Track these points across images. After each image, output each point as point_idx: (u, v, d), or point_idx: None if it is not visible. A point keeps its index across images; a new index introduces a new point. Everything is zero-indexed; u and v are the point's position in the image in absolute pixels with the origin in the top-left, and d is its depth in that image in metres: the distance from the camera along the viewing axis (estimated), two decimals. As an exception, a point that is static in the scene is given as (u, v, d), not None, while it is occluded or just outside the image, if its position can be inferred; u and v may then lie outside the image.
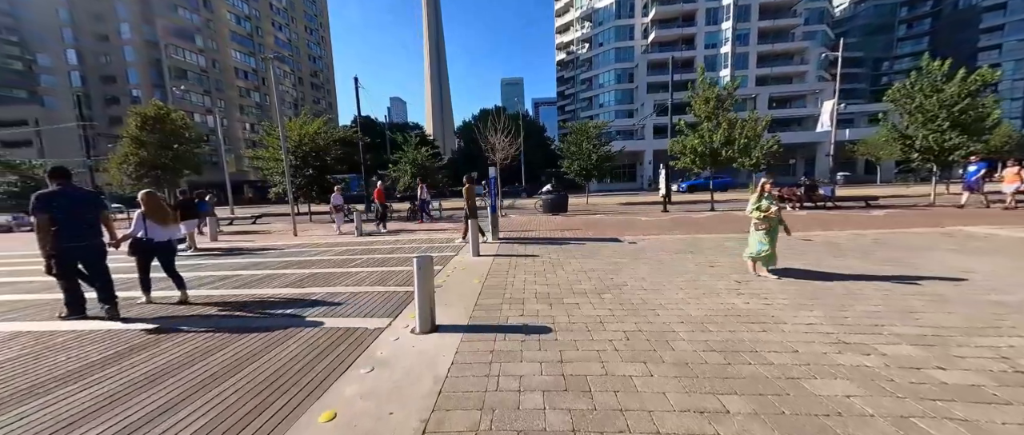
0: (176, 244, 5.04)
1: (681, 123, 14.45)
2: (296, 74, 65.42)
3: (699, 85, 14.00)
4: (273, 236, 11.84)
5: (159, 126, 23.97)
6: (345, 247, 8.59)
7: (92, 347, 3.27)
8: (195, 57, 48.03)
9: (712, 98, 13.61)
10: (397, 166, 20.95)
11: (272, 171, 16.69)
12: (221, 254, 8.47)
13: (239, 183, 45.54)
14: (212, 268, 6.80)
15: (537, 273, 5.40)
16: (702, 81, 14.04)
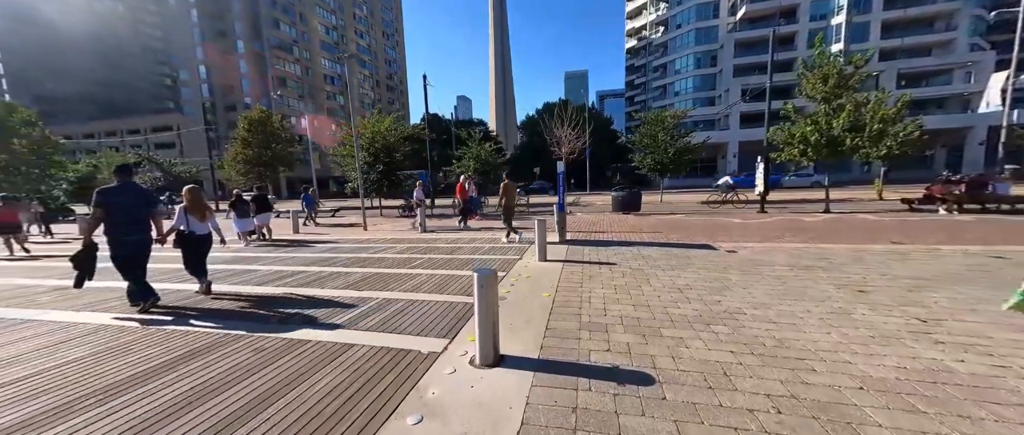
0: (209, 237, 5.05)
1: (789, 107, 12.07)
2: (374, 77, 70.70)
3: (815, 60, 11.52)
4: (345, 229, 12.40)
5: (261, 128, 27.28)
6: (408, 244, 8.46)
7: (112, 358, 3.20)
8: (293, 66, 54.30)
9: (833, 75, 11.09)
10: (461, 162, 21.08)
11: (348, 167, 17.76)
12: (293, 246, 8.93)
13: (324, 179, 50.71)
14: (281, 262, 7.02)
15: (619, 288, 4.48)
16: (820, 55, 11.54)
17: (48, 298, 4.73)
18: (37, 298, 4.75)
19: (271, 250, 8.48)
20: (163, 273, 6.01)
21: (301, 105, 54.28)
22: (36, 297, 4.82)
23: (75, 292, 5.00)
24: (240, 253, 8.15)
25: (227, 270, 6.26)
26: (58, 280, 5.87)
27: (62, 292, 5.12)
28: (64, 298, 4.76)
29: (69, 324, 3.78)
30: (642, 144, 18.04)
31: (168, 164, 36.45)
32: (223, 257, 7.62)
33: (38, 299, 4.71)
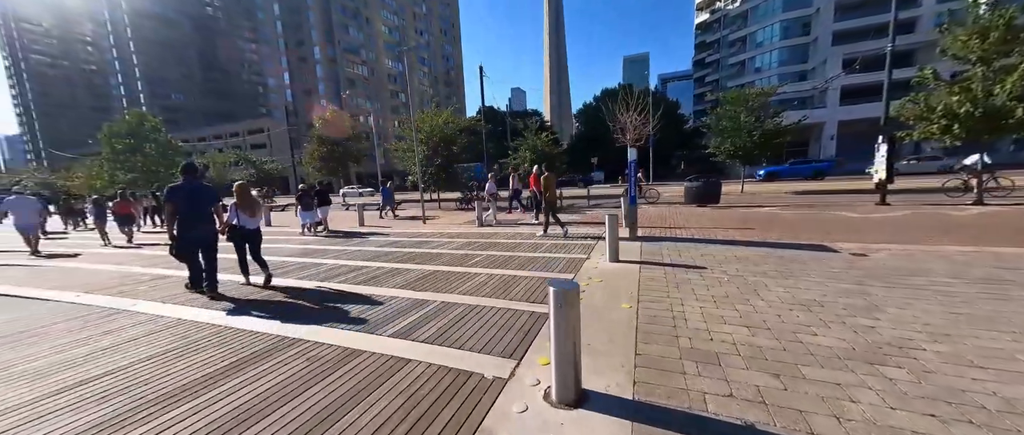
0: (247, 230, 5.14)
1: (926, 72, 9.62)
2: (432, 74, 73.07)
3: (970, 9, 8.99)
4: (405, 222, 12.61)
5: (332, 127, 29.35)
6: (466, 240, 8.17)
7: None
8: (360, 67, 58.11)
9: (998, 27, 8.53)
10: (517, 153, 20.64)
11: (408, 162, 18.23)
12: (357, 238, 9.14)
13: (388, 173, 53.95)
14: (344, 256, 7.09)
15: (719, 300, 3.61)
16: (974, 4, 8.99)
17: (145, 288, 5.15)
18: (137, 287, 5.20)
19: (336, 242, 8.76)
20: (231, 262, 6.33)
21: (367, 104, 57.97)
22: (136, 286, 5.28)
23: (167, 282, 5.41)
24: (308, 245, 8.51)
25: (295, 263, 6.45)
26: (161, 269, 6.48)
27: (159, 280, 5.57)
28: (156, 288, 5.14)
29: (153, 317, 3.95)
30: (719, 128, 15.98)
31: (260, 162, 41.16)
32: (293, 250, 7.99)
33: (137, 288, 5.14)
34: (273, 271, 5.32)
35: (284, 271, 5.89)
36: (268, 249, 8.20)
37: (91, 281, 5.76)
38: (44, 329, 3.76)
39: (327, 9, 55.34)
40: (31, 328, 3.81)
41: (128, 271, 6.39)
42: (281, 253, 7.53)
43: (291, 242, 9.20)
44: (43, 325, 3.89)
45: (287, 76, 59.82)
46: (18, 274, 6.72)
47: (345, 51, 56.32)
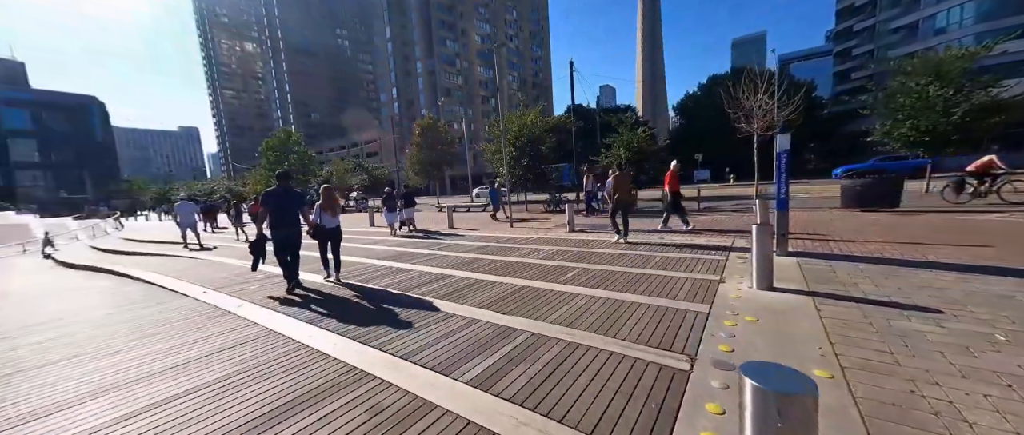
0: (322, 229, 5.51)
1: None
2: (521, 77, 74.19)
3: None
4: (493, 225, 12.27)
5: (431, 133, 31.44)
6: (556, 248, 7.27)
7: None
8: (455, 77, 62.02)
9: None
10: (610, 150, 18.99)
11: (496, 163, 18.13)
12: (443, 241, 8.95)
13: (478, 176, 56.30)
14: (432, 262, 6.80)
15: (1010, 378, 2.02)
16: None
17: (255, 287, 5.47)
18: (247, 286, 5.56)
19: (425, 246, 8.69)
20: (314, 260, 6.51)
21: (460, 111, 61.49)
22: (247, 285, 5.66)
23: (277, 281, 5.70)
24: (402, 247, 8.59)
25: (384, 268, 6.36)
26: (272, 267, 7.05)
27: (268, 279, 5.94)
28: (265, 288, 5.42)
29: (248, 323, 3.96)
30: (893, 106, 12.04)
31: (371, 168, 46.68)
32: (386, 251, 8.09)
33: (247, 287, 5.49)
34: (363, 276, 5.48)
35: (373, 276, 5.80)
36: (365, 250, 8.77)
37: (217, 277, 6.47)
38: (163, 327, 4.05)
39: (428, 25, 60.36)
40: (156, 321, 4.15)
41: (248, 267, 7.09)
42: (375, 254, 7.68)
43: (385, 243, 9.51)
44: (165, 321, 4.21)
45: (395, 91, 67.10)
46: (173, 265, 8.09)
47: (442, 63, 60.68)
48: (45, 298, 6.56)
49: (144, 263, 9.07)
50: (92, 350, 3.51)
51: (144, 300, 5.32)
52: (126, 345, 3.56)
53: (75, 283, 8.01)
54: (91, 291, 6.68)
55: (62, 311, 5.12)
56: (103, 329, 4.10)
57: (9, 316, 5.30)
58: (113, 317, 4.58)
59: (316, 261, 5.91)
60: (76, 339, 3.86)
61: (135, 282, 6.82)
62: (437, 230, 11.74)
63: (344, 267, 5.91)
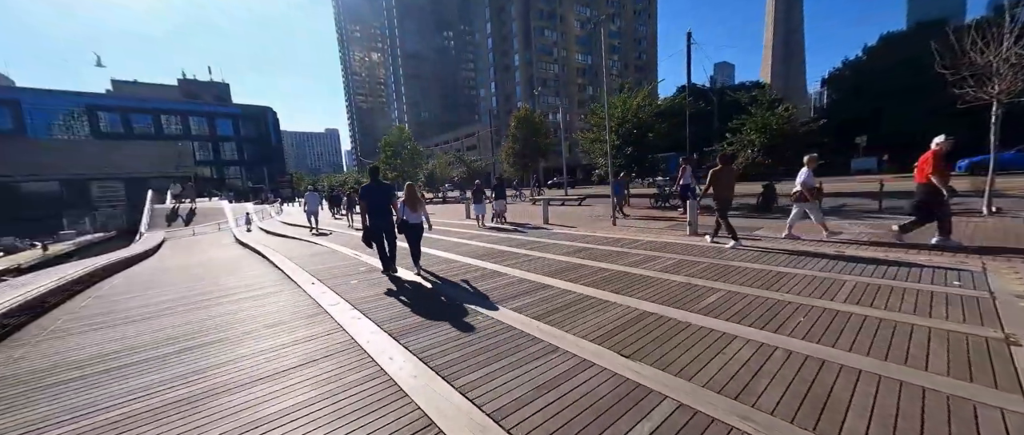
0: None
1: None
2: (623, 60, 69.15)
3: None
4: (591, 222, 11.07)
5: (525, 123, 31.17)
6: (677, 256, 5.81)
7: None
8: (551, 66, 60.96)
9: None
10: (738, 135, 15.75)
11: (595, 152, 16.61)
12: (542, 237, 8.15)
13: (572, 167, 54.44)
14: (526, 265, 6.04)
15: None
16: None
17: (356, 281, 5.49)
18: (349, 280, 5.61)
19: (520, 244, 8.04)
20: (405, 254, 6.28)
21: (555, 101, 60.26)
22: (349, 278, 5.73)
23: (378, 276, 5.66)
24: (495, 245, 8.10)
25: (478, 269, 5.82)
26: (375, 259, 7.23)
27: (371, 272, 5.96)
28: (364, 282, 5.39)
29: (334, 329, 3.71)
30: None
31: (470, 161, 49.02)
32: (477, 249, 7.66)
33: (349, 281, 5.52)
34: (456, 273, 5.46)
35: (466, 274, 5.34)
36: (458, 244, 8.39)
37: (326, 267, 6.82)
38: (268, 328, 4.11)
39: (526, 17, 60.36)
40: (266, 320, 4.26)
41: (356, 257, 7.40)
42: (468, 251, 7.32)
43: (479, 239, 9.19)
44: (275, 321, 4.30)
45: (493, 85, 69.37)
46: (300, 250, 9.02)
47: (539, 54, 60.17)
48: (206, 271, 7.88)
49: (283, 246, 10.51)
50: (197, 343, 3.66)
51: (272, 286, 5.78)
52: (219, 347, 3.64)
53: (238, 261, 9.59)
54: (245, 273, 7.71)
55: (211, 290, 5.87)
56: (231, 318, 4.41)
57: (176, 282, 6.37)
58: (241, 306, 4.97)
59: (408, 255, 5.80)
60: (200, 328, 4.16)
61: (272, 268, 7.70)
62: (529, 224, 11.10)
63: (437, 261, 6.28)
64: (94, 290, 6.42)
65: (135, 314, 4.60)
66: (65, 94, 59.34)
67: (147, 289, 6.07)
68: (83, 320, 4.53)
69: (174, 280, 6.77)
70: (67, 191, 37.48)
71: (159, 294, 5.57)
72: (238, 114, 73.58)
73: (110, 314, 4.69)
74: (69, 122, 57.99)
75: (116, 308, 4.98)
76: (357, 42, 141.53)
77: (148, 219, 21.13)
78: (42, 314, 4.94)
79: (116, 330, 4.05)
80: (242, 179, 70.47)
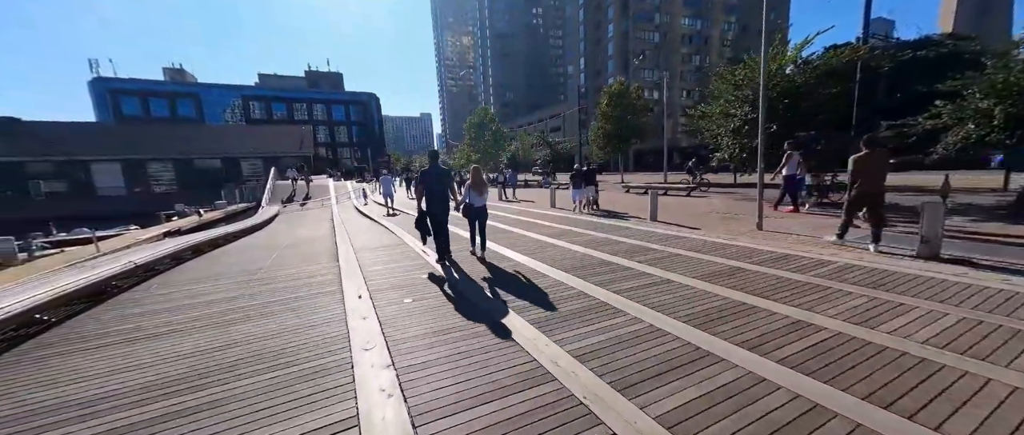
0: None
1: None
2: (740, 22, 58.26)
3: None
4: (718, 222, 8.29)
5: (619, 99, 27.65)
6: (931, 307, 3.20)
7: None
8: (651, 35, 54.15)
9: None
10: (960, 102, 10.72)
11: (719, 130, 13.08)
12: (633, 226, 5.92)
13: (669, 150, 48.25)
14: (629, 281, 4.01)
15: None
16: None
17: (424, 279, 4.18)
18: (419, 275, 4.30)
19: (632, 252, 5.96)
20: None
21: (655, 75, 53.69)
22: (420, 273, 4.47)
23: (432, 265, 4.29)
24: (598, 252, 6.17)
25: (581, 300, 4.04)
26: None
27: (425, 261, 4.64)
28: (434, 279, 4.04)
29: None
30: None
31: (554, 143, 46.75)
32: (577, 258, 5.81)
33: (418, 277, 4.22)
34: (580, 271, 3.28)
35: (576, 298, 3.62)
36: (553, 248, 6.81)
37: (390, 270, 5.72)
38: (289, 357, 2.92)
39: (625, -20, 54.29)
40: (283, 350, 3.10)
41: (426, 251, 6.24)
42: (566, 262, 5.56)
43: (573, 238, 7.34)
44: (295, 348, 3.14)
45: (582, 61, 64.91)
46: (369, 240, 8.27)
47: (638, 22, 53.81)
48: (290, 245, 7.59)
49: (366, 228, 10.14)
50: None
51: (331, 282, 4.87)
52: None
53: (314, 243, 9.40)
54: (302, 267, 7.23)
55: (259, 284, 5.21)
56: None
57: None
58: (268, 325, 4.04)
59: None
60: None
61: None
62: (625, 214, 8.86)
63: (544, 275, 4.51)
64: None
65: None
66: (228, 87, 73.20)
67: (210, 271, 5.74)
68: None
69: (237, 262, 6.47)
70: (225, 167, 46.08)
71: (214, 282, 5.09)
72: (349, 100, 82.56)
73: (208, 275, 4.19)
74: (231, 111, 71.62)
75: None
76: (450, 28, 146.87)
77: (268, 195, 24.04)
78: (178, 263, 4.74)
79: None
80: (351, 159, 79.38)
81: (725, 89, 12.45)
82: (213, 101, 70.57)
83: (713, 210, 10.48)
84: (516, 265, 5.29)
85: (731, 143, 12.07)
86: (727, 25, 57.03)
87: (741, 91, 11.66)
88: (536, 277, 4.65)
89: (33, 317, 3.69)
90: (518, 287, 4.26)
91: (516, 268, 5.13)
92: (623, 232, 7.52)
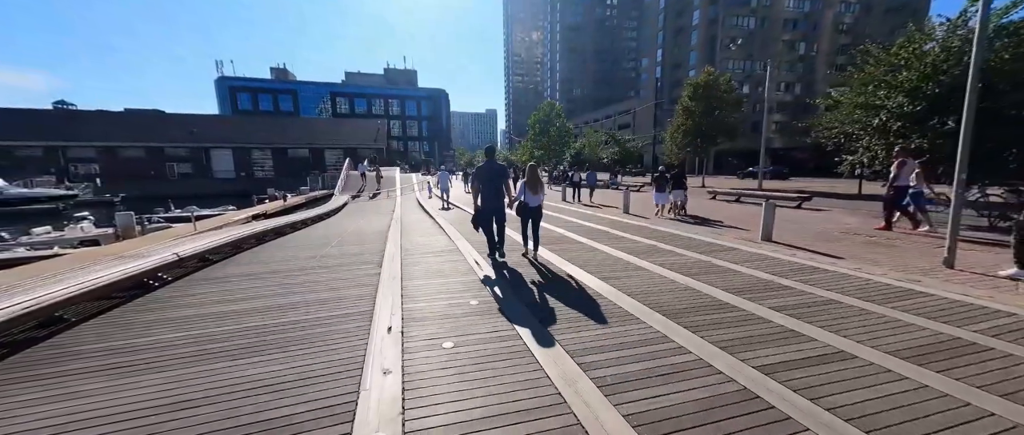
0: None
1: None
2: (863, 3, 48.81)
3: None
4: (860, 246, 6.04)
5: (706, 92, 24.34)
6: None
7: None
8: (746, 20, 47.78)
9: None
10: None
11: (852, 128, 10.17)
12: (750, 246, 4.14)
13: (752, 152, 42.13)
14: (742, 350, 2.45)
15: None
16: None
17: (476, 298, 3.11)
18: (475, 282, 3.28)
19: (738, 280, 4.32)
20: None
21: (748, 66, 47.37)
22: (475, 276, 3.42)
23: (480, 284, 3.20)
24: (702, 256, 4.62)
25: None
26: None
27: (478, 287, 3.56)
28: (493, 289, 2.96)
29: None
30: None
31: (623, 141, 43.60)
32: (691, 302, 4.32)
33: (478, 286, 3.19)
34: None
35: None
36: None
37: (434, 288, 4.77)
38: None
39: (715, -38, 48.55)
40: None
41: (479, 264, 5.24)
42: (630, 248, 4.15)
43: (678, 262, 5.80)
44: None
45: (659, 53, 59.87)
46: (422, 241, 7.51)
47: (730, 5, 47.80)
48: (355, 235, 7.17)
49: (421, 225, 9.58)
50: None
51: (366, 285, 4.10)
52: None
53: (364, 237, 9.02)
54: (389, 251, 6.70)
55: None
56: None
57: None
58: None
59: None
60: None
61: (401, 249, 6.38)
62: (721, 221, 6.95)
63: (634, 317, 2.85)
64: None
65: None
66: (319, 84, 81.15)
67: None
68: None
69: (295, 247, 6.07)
70: (312, 157, 50.89)
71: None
72: (422, 96, 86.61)
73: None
74: (322, 106, 79.40)
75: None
76: (520, 22, 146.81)
77: (342, 183, 25.40)
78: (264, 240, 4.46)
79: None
80: (419, 152, 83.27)
81: (871, 75, 9.59)
82: (307, 97, 78.75)
83: (841, 228, 8.01)
84: (590, 297, 3.99)
85: (874, 143, 9.27)
86: (845, 6, 48.08)
87: (899, 74, 8.83)
88: (622, 320, 3.33)
89: (53, 315, 3.35)
90: (597, 342, 2.98)
91: (590, 299, 3.85)
92: (728, 254, 5.77)
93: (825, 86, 52.52)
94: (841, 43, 47.88)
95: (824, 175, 26.43)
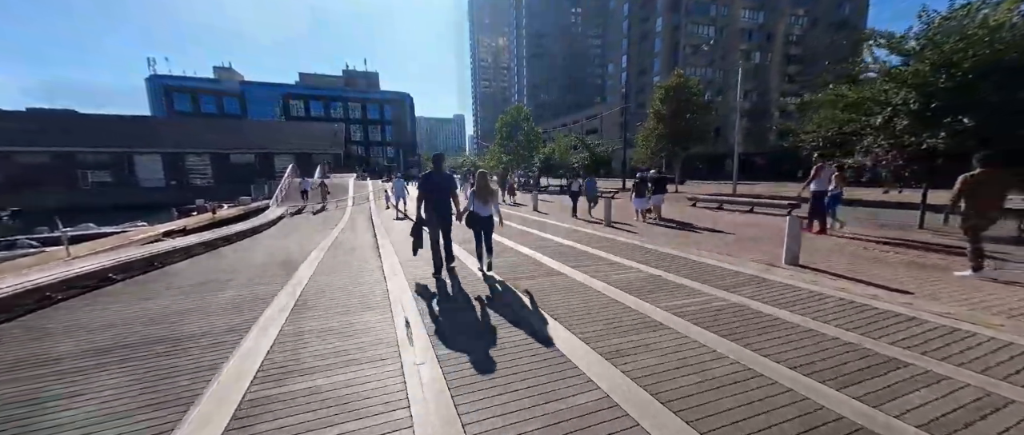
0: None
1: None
2: (810, 16, 51.84)
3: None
4: (929, 274, 4.74)
5: (677, 95, 23.81)
6: None
7: None
8: (706, 29, 49.15)
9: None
10: None
11: (862, 128, 9.09)
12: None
13: (721, 157, 43.05)
14: None
15: None
16: None
17: None
18: None
19: (783, 331, 2.74)
20: None
21: (709, 73, 48.66)
22: None
23: None
24: (719, 292, 2.98)
25: None
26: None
27: None
28: None
29: None
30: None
31: (592, 146, 43.02)
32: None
33: None
34: None
35: None
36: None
37: (342, 346, 2.81)
38: None
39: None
40: None
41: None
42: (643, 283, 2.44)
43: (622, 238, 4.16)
44: None
45: (624, 59, 60.61)
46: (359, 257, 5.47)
47: (691, 16, 49.02)
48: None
49: (352, 249, 7.45)
50: None
51: None
52: None
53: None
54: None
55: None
56: None
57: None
58: None
59: None
60: None
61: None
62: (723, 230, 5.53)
63: None
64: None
65: None
66: (270, 85, 75.27)
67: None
68: None
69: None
70: (259, 162, 46.23)
71: None
72: (383, 100, 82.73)
73: None
74: (272, 108, 73.51)
75: None
76: (486, 29, 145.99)
77: (281, 193, 22.37)
78: None
79: None
80: (383, 158, 79.25)
81: (876, 67, 8.63)
82: (257, 99, 72.67)
83: (852, 241, 6.84)
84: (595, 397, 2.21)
85: (878, 143, 8.30)
86: (794, 18, 50.79)
87: (908, 68, 7.88)
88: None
89: None
90: None
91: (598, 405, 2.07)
92: (762, 291, 4.20)
93: (779, 95, 54.62)
94: (791, 53, 50.46)
95: (782, 179, 26.75)
